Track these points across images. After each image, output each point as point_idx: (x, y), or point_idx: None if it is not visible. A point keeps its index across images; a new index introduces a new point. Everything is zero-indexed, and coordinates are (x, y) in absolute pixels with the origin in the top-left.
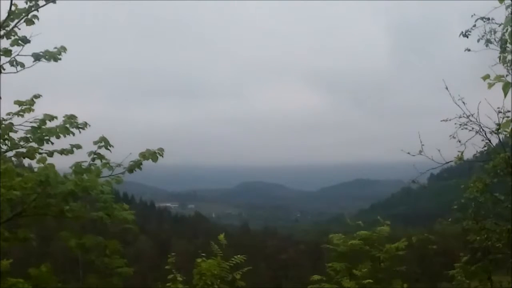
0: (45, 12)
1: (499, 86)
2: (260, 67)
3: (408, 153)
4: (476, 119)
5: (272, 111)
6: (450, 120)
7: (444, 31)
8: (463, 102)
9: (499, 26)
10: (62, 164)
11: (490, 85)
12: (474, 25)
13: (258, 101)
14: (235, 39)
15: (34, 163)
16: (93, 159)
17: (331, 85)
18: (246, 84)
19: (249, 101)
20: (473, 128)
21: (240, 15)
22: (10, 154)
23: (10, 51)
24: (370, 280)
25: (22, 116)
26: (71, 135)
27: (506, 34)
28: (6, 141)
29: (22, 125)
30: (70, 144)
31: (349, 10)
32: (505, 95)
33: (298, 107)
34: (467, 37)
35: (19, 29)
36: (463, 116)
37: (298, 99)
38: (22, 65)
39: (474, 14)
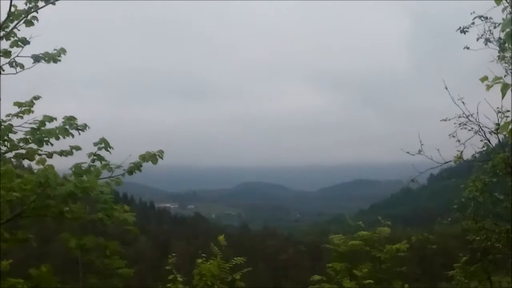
0: (46, 13)
1: (498, 86)
2: (261, 67)
3: (408, 152)
4: (476, 119)
5: (272, 112)
6: (449, 120)
7: (453, 31)
8: (463, 102)
9: (497, 25)
10: (62, 165)
11: (489, 87)
12: (473, 23)
13: (258, 101)
14: (236, 39)
15: (33, 165)
16: (93, 161)
17: (332, 85)
18: (247, 85)
19: (249, 102)
20: (472, 128)
21: (242, 15)
22: (9, 155)
23: (10, 52)
24: (371, 281)
25: (22, 117)
26: (70, 136)
27: (504, 35)
28: (6, 142)
29: (21, 126)
30: (70, 146)
31: (355, 9)
32: (503, 96)
33: (298, 107)
34: (465, 33)
35: (19, 30)
36: (463, 116)
37: (299, 100)
38: (22, 66)
39: (474, 12)
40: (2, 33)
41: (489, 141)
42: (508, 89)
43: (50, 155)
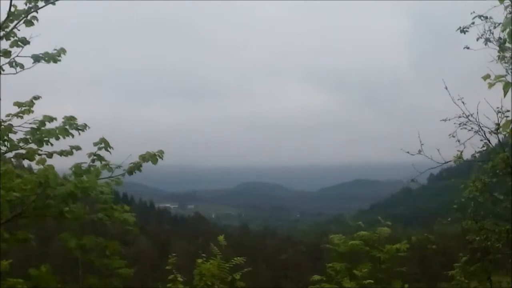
0: (46, 13)
1: (498, 85)
2: (261, 67)
3: (408, 152)
4: (476, 119)
5: (272, 112)
6: (449, 120)
7: (453, 31)
8: (463, 102)
9: (497, 25)
10: (62, 165)
11: (491, 85)
12: (473, 23)
13: (258, 101)
14: (236, 39)
15: (33, 165)
16: (93, 161)
17: (332, 85)
18: (247, 85)
19: (249, 102)
20: (472, 128)
21: (242, 15)
22: (9, 155)
23: (10, 52)
24: (371, 281)
25: (22, 117)
26: (70, 136)
27: (505, 34)
28: (6, 142)
29: (21, 126)
30: (70, 146)
31: (355, 9)
32: (505, 94)
33: (298, 107)
34: (465, 33)
35: (19, 30)
36: (463, 116)
37: (299, 100)
38: (22, 66)
39: (474, 12)
40: (2, 33)
41: (489, 141)
42: (510, 87)
43: (50, 155)
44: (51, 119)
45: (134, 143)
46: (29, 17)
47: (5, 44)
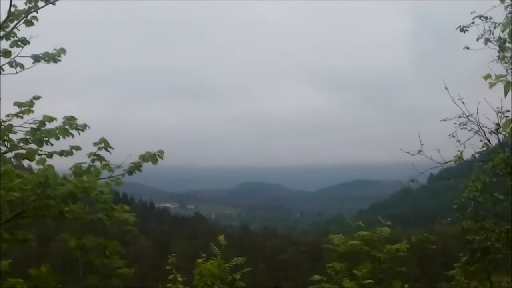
0: (46, 13)
1: (498, 85)
2: (261, 67)
3: (408, 152)
4: (476, 119)
5: (272, 112)
6: (449, 120)
7: (454, 31)
8: (463, 102)
9: (497, 25)
10: (62, 165)
11: (492, 85)
12: (473, 22)
13: (258, 101)
14: (236, 39)
15: (33, 165)
16: (93, 161)
17: (332, 85)
18: (247, 85)
19: (249, 101)
20: (472, 128)
21: (242, 15)
22: (9, 155)
23: (10, 52)
24: (371, 281)
25: (22, 117)
26: (70, 136)
27: (505, 34)
28: (6, 143)
29: (21, 126)
30: (70, 146)
31: (355, 9)
32: (506, 94)
33: (299, 107)
34: (464, 32)
35: (19, 30)
36: (463, 116)
37: (299, 100)
38: (22, 66)
39: (474, 12)
40: (2, 33)
41: (489, 141)
42: (511, 87)
43: (50, 155)
44: (51, 119)
45: (134, 143)
46: (29, 17)
47: (5, 44)
